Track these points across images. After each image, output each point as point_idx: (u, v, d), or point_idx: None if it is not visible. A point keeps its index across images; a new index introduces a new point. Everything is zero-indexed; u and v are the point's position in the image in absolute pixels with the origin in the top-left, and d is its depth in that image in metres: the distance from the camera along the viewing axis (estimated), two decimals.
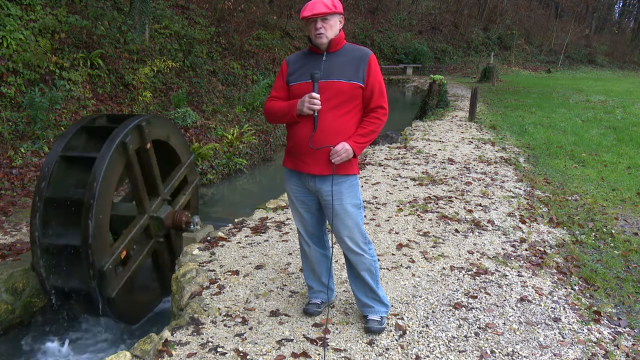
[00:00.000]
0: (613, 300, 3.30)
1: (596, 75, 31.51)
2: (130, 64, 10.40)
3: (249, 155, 9.62)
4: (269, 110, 2.60)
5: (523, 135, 9.39)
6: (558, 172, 6.67)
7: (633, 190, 5.89)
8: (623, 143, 8.76)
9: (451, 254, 3.86)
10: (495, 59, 27.31)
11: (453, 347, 2.64)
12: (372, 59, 2.50)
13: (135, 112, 9.51)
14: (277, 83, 2.63)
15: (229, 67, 14.21)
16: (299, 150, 2.52)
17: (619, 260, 3.93)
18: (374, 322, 2.74)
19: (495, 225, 4.51)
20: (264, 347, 2.62)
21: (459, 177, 6.20)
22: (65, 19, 9.45)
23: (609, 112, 12.62)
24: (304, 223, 2.75)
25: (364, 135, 2.48)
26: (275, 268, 3.59)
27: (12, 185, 6.18)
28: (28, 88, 7.77)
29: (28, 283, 4.14)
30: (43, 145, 7.05)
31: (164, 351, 2.57)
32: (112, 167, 3.75)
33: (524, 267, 3.68)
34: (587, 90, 18.93)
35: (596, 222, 4.76)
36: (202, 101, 11.48)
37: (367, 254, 2.65)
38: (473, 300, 3.14)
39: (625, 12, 48.92)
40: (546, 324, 2.91)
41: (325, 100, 2.42)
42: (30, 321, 4.19)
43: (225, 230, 4.38)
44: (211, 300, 3.11)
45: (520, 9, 35.95)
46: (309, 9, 2.41)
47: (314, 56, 2.54)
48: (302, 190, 2.65)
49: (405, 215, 4.75)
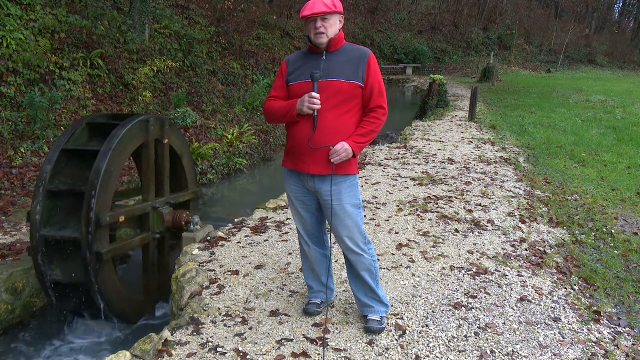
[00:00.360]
0: (613, 300, 3.30)
1: (596, 75, 31.51)
2: (130, 64, 10.40)
3: (249, 155, 9.62)
4: (268, 110, 2.60)
5: (523, 135, 9.39)
6: (558, 172, 6.67)
7: (633, 190, 5.89)
8: (623, 143, 8.76)
9: (451, 254, 3.86)
10: (495, 59, 27.31)
11: (453, 347, 2.64)
12: (371, 58, 2.50)
13: (135, 112, 9.51)
14: (276, 83, 2.63)
15: (229, 67, 14.21)
16: (298, 150, 2.52)
17: (619, 260, 3.93)
18: (374, 322, 2.74)
19: (495, 225, 4.51)
20: (264, 347, 2.62)
21: (459, 177, 6.20)
22: (65, 19, 9.45)
23: (609, 112, 12.62)
24: (303, 223, 2.74)
25: (364, 135, 2.47)
26: (275, 268, 3.59)
27: (12, 185, 6.18)
28: (28, 88, 7.77)
29: (28, 283, 4.14)
30: (43, 145, 7.05)
31: (164, 351, 2.57)
32: (131, 136, 3.87)
33: (524, 267, 3.68)
34: (587, 90, 18.93)
35: (596, 222, 4.76)
36: (202, 101, 11.48)
37: (367, 254, 2.65)
38: (473, 300, 3.14)
39: (625, 12, 48.94)
40: (546, 324, 2.91)
41: (325, 100, 2.42)
42: (30, 321, 4.19)
43: (225, 230, 4.38)
44: (211, 300, 3.11)
45: (520, 9, 35.96)
46: (309, 8, 2.41)
47: (314, 56, 2.53)
48: (301, 190, 2.65)
49: (405, 215, 4.75)
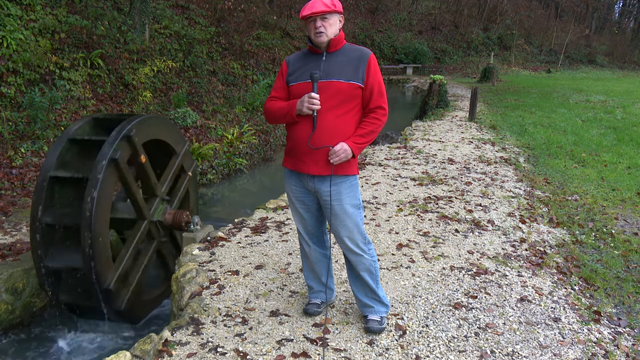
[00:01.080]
0: (613, 300, 3.30)
1: (596, 75, 31.49)
2: (130, 64, 10.40)
3: (249, 155, 9.62)
4: (268, 111, 2.61)
5: (523, 135, 9.38)
6: (558, 172, 6.67)
7: (633, 190, 5.89)
8: (623, 143, 8.76)
9: (451, 254, 3.86)
10: (495, 59, 27.30)
11: (453, 347, 2.64)
12: (371, 59, 2.50)
13: (135, 112, 9.51)
14: (277, 83, 2.63)
15: (229, 67, 14.21)
16: (298, 150, 2.52)
17: (619, 260, 3.93)
18: (374, 322, 2.74)
19: (495, 225, 4.51)
20: (264, 347, 2.62)
21: (459, 177, 6.20)
22: (65, 19, 9.45)
23: (609, 112, 12.62)
24: (303, 223, 2.75)
25: (363, 136, 2.47)
26: (275, 268, 3.58)
27: (12, 185, 6.18)
28: (28, 88, 7.77)
29: (28, 283, 4.14)
30: (43, 145, 7.06)
31: (164, 351, 2.57)
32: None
33: (524, 267, 3.68)
34: (587, 90, 18.92)
35: (596, 222, 4.76)
36: (202, 101, 11.48)
37: (367, 254, 2.65)
38: (473, 300, 3.14)
39: (625, 12, 48.92)
40: (546, 324, 2.91)
41: (325, 100, 2.42)
42: (30, 321, 4.19)
43: (225, 230, 4.38)
44: (211, 300, 3.11)
45: (520, 9, 35.92)
46: (309, 8, 2.42)
47: (314, 56, 2.54)
48: (301, 191, 2.65)
49: (405, 215, 4.75)
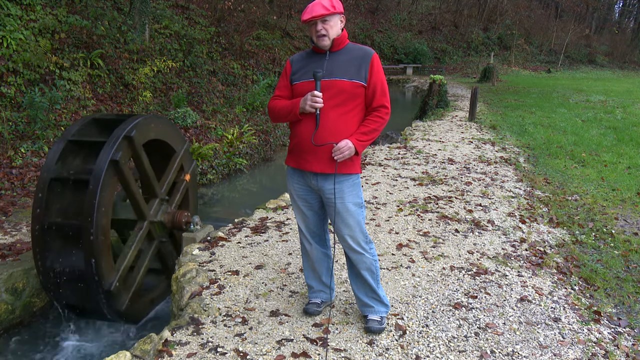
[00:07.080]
0: (613, 300, 3.30)
1: (596, 75, 31.47)
2: (130, 64, 10.39)
3: (249, 155, 9.62)
4: (272, 109, 2.63)
5: (523, 135, 9.38)
6: (558, 172, 6.67)
7: (633, 190, 5.89)
8: (623, 143, 8.76)
9: (451, 254, 3.86)
10: (495, 59, 27.28)
11: (453, 347, 2.64)
12: (374, 58, 2.52)
13: (135, 112, 9.51)
14: (280, 82, 2.66)
15: (229, 67, 14.21)
16: (301, 148, 2.53)
17: (619, 260, 3.93)
18: (374, 322, 2.74)
19: (495, 225, 4.51)
20: (264, 347, 2.62)
21: (459, 177, 6.20)
22: (65, 19, 9.44)
23: (609, 112, 12.62)
24: (306, 221, 2.75)
25: (366, 134, 2.49)
26: (275, 268, 3.58)
27: (12, 185, 6.18)
28: (28, 88, 7.77)
29: (28, 283, 4.14)
30: (43, 145, 7.05)
31: (164, 351, 2.57)
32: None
33: (524, 267, 3.68)
34: (587, 90, 18.92)
35: (596, 222, 4.76)
36: (202, 101, 11.48)
37: (368, 253, 2.66)
38: (473, 300, 3.14)
39: (625, 12, 48.89)
40: (546, 324, 2.91)
41: (328, 98, 2.44)
42: (30, 321, 4.19)
43: (225, 230, 4.38)
44: (211, 300, 3.11)
45: (520, 9, 35.87)
46: (308, 12, 2.44)
47: (317, 56, 2.56)
48: (304, 189, 2.66)
49: (405, 215, 4.75)
